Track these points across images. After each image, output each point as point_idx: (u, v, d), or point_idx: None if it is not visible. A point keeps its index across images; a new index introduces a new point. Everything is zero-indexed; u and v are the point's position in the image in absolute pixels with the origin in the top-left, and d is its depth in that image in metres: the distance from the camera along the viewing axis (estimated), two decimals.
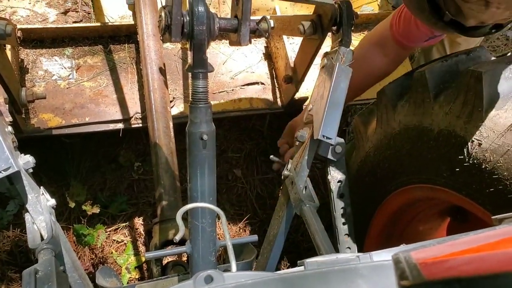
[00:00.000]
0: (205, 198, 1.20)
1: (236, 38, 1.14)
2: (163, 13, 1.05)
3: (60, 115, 2.19)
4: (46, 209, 1.61)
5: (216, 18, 1.11)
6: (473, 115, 1.59)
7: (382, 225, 2.25)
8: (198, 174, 1.18)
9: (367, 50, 2.09)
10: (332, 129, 1.77)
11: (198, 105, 1.17)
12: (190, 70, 1.13)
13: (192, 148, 1.18)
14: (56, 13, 2.36)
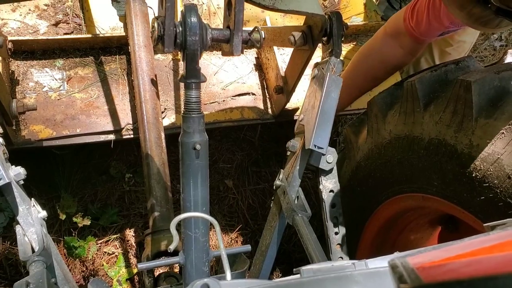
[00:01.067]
0: (198, 208, 1.20)
1: (228, 49, 1.15)
2: (156, 24, 1.06)
3: (51, 127, 2.18)
4: (37, 221, 1.60)
5: (209, 28, 1.11)
6: (463, 124, 1.60)
7: (374, 234, 2.26)
8: (191, 184, 1.18)
9: (382, 41, 2.12)
10: (324, 139, 1.78)
11: (191, 115, 1.17)
12: (183, 80, 1.13)
13: (185, 158, 1.18)
14: (47, 24, 2.36)
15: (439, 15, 1.80)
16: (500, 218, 1.50)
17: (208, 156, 1.22)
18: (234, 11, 1.10)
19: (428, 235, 2.33)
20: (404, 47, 2.04)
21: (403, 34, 2.00)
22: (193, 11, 1.07)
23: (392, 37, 2.06)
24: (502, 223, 0.94)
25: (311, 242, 1.59)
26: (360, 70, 2.19)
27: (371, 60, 2.15)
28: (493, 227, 0.97)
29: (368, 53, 2.19)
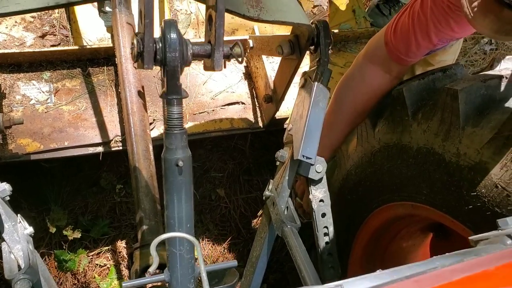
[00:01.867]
0: (183, 225, 1.18)
1: (210, 64, 1.14)
2: (135, 40, 1.05)
3: (39, 140, 2.17)
4: (23, 237, 1.58)
5: (189, 44, 1.10)
6: (450, 132, 1.60)
7: (365, 242, 2.25)
8: (175, 201, 1.17)
9: (365, 70, 1.92)
10: (312, 149, 1.77)
11: (173, 131, 1.16)
12: (164, 97, 1.12)
13: (168, 175, 1.17)
14: (33, 37, 2.34)
15: (427, 32, 1.66)
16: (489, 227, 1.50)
17: (191, 172, 1.21)
18: (215, 26, 1.09)
19: (419, 242, 2.33)
20: (390, 72, 1.87)
21: (387, 59, 1.83)
22: (172, 26, 1.06)
23: (374, 63, 1.88)
24: (485, 237, 0.93)
25: (300, 254, 1.58)
26: (344, 105, 2.00)
27: (354, 93, 1.96)
28: (477, 241, 0.96)
29: (350, 85, 1.99)
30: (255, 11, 1.60)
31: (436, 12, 1.59)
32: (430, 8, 1.61)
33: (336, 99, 2.02)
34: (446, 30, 1.63)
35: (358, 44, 2.86)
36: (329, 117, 2.01)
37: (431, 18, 1.62)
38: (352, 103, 1.96)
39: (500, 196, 1.42)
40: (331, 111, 2.02)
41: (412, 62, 1.88)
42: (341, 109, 2.01)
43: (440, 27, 1.62)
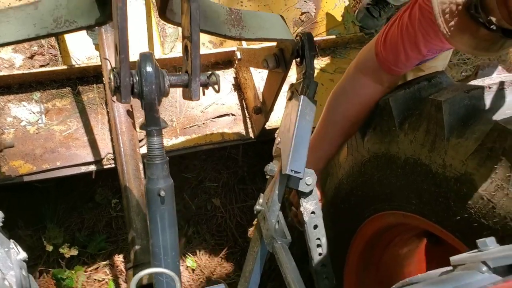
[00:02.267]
0: (168, 253, 1.19)
1: (188, 93, 1.15)
2: (111, 75, 1.06)
3: (31, 161, 2.18)
4: (16, 263, 1.58)
5: (166, 75, 1.11)
6: (436, 143, 1.61)
7: (360, 250, 2.26)
8: (159, 230, 1.18)
9: (356, 81, 1.91)
10: (300, 163, 1.78)
11: (155, 161, 1.17)
12: (144, 128, 1.13)
13: (150, 205, 1.18)
14: (22, 57, 2.35)
15: (416, 44, 1.64)
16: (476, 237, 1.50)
17: (174, 200, 1.22)
18: (191, 56, 1.10)
19: (414, 248, 2.34)
20: (382, 83, 1.85)
21: (378, 70, 1.81)
22: (148, 60, 1.07)
23: (366, 74, 1.86)
24: (462, 262, 0.94)
25: (290, 271, 1.59)
26: (337, 116, 1.97)
27: (347, 104, 1.94)
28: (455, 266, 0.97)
29: (342, 96, 1.97)
30: (237, 31, 1.61)
31: (424, 24, 1.58)
32: (418, 20, 1.59)
33: (328, 111, 2.00)
34: (435, 41, 1.61)
35: (348, 50, 2.86)
36: (321, 129, 2.01)
37: (420, 30, 1.60)
38: (345, 114, 1.94)
39: (486, 207, 1.43)
40: (323, 123, 2.01)
41: (403, 72, 1.86)
42: (334, 121, 1.98)
43: (428, 38, 1.61)
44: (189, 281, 2.80)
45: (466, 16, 1.22)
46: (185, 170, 3.02)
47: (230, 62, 2.62)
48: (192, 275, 2.83)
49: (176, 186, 2.92)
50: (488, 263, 0.87)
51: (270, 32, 1.72)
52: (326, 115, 2.01)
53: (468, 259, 0.95)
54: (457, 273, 0.91)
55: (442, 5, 1.23)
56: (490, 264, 0.87)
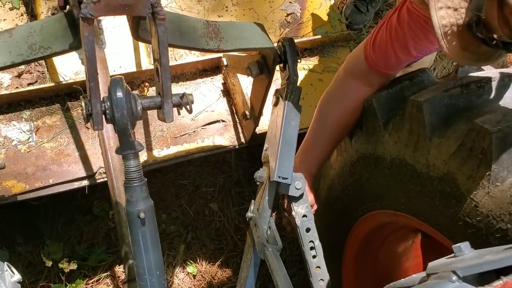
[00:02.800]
0: (153, 273, 1.21)
1: (161, 115, 1.16)
2: (83, 103, 1.07)
3: (23, 180, 2.20)
4: (10, 286, 1.60)
5: (139, 99, 1.12)
6: (419, 143, 1.62)
7: (356, 248, 2.28)
8: (143, 251, 1.19)
9: (346, 84, 1.90)
10: (287, 169, 1.78)
11: (133, 184, 1.18)
12: (120, 153, 1.14)
13: (132, 227, 1.19)
14: (10, 77, 2.37)
15: (406, 46, 1.64)
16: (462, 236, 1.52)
17: (155, 221, 1.23)
18: (161, 79, 1.11)
19: (409, 243, 2.35)
20: (373, 86, 1.85)
21: (369, 73, 1.81)
22: (118, 85, 1.08)
23: (356, 78, 1.86)
24: (436, 270, 0.95)
25: (281, 278, 1.60)
26: (328, 121, 1.97)
27: (338, 108, 1.93)
28: (429, 274, 0.98)
29: (332, 101, 1.96)
30: (215, 43, 1.62)
31: (413, 27, 1.58)
32: (407, 23, 1.59)
33: (319, 116, 2.00)
34: (425, 43, 1.61)
35: (336, 48, 2.86)
36: (313, 135, 2.01)
37: (409, 33, 1.60)
38: (336, 118, 1.94)
39: (469, 206, 1.44)
40: (314, 129, 2.01)
41: (393, 73, 1.87)
42: (325, 126, 1.99)
43: (418, 40, 1.60)
44: (190, 287, 2.82)
45: (468, 35, 1.23)
46: (181, 176, 3.03)
47: (218, 68, 2.63)
48: (193, 281, 2.86)
49: (172, 193, 2.98)
50: (457, 273, 0.88)
51: (249, 42, 1.73)
52: (317, 120, 2.01)
53: (441, 267, 0.96)
54: (429, 283, 0.92)
55: (444, 28, 1.24)
56: (459, 273, 0.87)
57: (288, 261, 2.92)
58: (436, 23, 1.24)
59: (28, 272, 2.67)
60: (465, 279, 0.88)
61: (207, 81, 2.58)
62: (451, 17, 1.23)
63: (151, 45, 1.23)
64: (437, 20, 1.24)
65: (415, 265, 2.38)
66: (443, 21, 1.24)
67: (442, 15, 1.23)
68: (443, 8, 1.23)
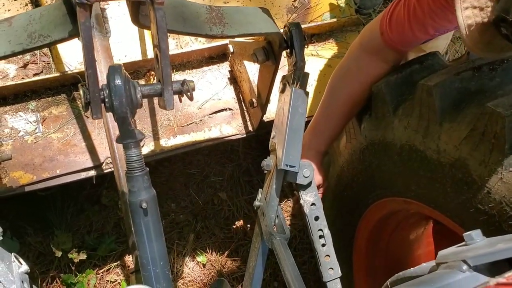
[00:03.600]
0: (156, 263, 1.19)
1: (162, 102, 1.13)
2: (81, 91, 1.04)
3: (31, 171, 2.19)
4: (17, 276, 1.59)
5: (138, 87, 1.10)
6: (429, 128, 1.58)
7: (367, 236, 2.25)
8: (146, 241, 1.17)
9: (361, 60, 1.87)
10: (295, 157, 1.75)
11: (134, 174, 1.15)
12: (120, 142, 1.12)
13: (134, 217, 1.17)
14: (15, 68, 2.35)
15: (424, 25, 1.61)
16: (474, 224, 1.48)
17: (158, 211, 1.21)
18: (161, 66, 1.08)
19: (421, 230, 2.31)
20: (388, 62, 1.82)
21: (384, 48, 1.77)
22: (116, 73, 1.05)
23: (371, 53, 1.82)
24: (445, 260, 0.92)
25: (289, 267, 1.58)
26: (340, 96, 1.94)
27: (352, 83, 1.90)
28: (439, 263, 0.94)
29: (345, 76, 1.93)
30: (218, 29, 1.58)
31: (433, 7, 1.54)
32: (427, 2, 1.56)
33: (331, 91, 1.96)
34: (444, 22, 1.57)
35: (344, 33, 2.81)
36: (324, 111, 1.98)
37: (428, 12, 1.56)
38: (349, 94, 1.91)
39: (481, 193, 1.40)
40: (326, 104, 1.98)
41: (409, 50, 1.86)
42: (338, 101, 1.95)
43: (437, 19, 1.57)
44: (200, 276, 2.81)
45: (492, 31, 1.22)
46: (189, 166, 3.02)
47: (225, 56, 2.59)
48: (203, 270, 2.85)
49: (181, 183, 2.96)
50: (468, 262, 0.85)
51: (254, 27, 1.69)
52: (328, 96, 1.98)
53: (451, 256, 0.93)
54: (439, 273, 0.89)
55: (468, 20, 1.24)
56: (470, 262, 0.84)
57: (298, 249, 2.91)
58: (462, 23, 1.24)
59: (38, 262, 2.68)
60: (476, 269, 0.85)
61: (214, 69, 2.54)
62: (477, 17, 1.23)
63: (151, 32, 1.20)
64: (463, 20, 1.24)
65: (427, 253, 2.35)
66: (468, 21, 1.23)
67: (467, 15, 1.23)
68: (469, 8, 1.23)
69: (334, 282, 1.91)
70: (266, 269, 1.94)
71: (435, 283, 0.84)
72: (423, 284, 0.84)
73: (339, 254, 1.93)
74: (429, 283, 0.84)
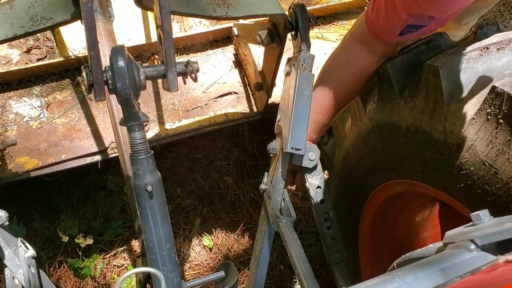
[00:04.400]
0: (162, 246, 1.19)
1: (166, 84, 1.12)
2: (84, 73, 1.03)
3: (36, 156, 2.19)
4: (24, 261, 1.60)
5: (141, 68, 1.08)
6: (435, 110, 1.56)
7: (372, 218, 2.24)
8: (151, 225, 1.17)
9: (350, 50, 1.83)
10: (300, 140, 1.74)
11: (139, 156, 1.15)
12: (124, 124, 1.11)
13: (139, 200, 1.17)
14: (19, 53, 2.35)
15: (395, 6, 1.52)
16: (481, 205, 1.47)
17: (163, 194, 1.20)
18: (164, 46, 1.06)
19: (427, 213, 2.31)
20: (375, 52, 1.75)
21: (371, 39, 1.71)
22: (119, 54, 1.04)
23: (359, 43, 1.77)
24: (453, 240, 0.91)
25: (295, 250, 1.57)
26: (330, 86, 1.88)
27: (340, 74, 1.86)
28: (446, 244, 0.94)
29: (335, 67, 1.88)
30: (222, 10, 1.57)
31: None
32: None
33: (321, 80, 1.91)
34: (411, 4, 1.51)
35: (349, 15, 2.79)
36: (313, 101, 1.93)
37: None
38: (338, 85, 1.87)
39: (488, 173, 1.39)
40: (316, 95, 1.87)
41: (393, 41, 1.75)
42: (327, 91, 1.89)
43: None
44: (207, 260, 2.82)
45: None
46: (195, 151, 3.01)
47: (229, 39, 2.58)
48: (210, 253, 2.85)
49: (187, 167, 2.96)
50: (476, 241, 0.84)
51: (258, 8, 1.67)
52: (317, 85, 1.91)
53: (459, 236, 0.92)
54: (446, 253, 0.88)
55: None
56: (478, 242, 0.83)
57: (304, 232, 2.91)
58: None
59: (45, 248, 2.69)
60: (483, 248, 0.84)
61: (218, 52, 2.53)
62: None
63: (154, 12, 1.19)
64: None
65: (433, 235, 2.35)
66: None
67: None
68: None
69: (340, 265, 1.92)
70: (272, 253, 1.93)
71: (442, 263, 0.83)
72: (430, 264, 0.83)
73: (344, 237, 1.93)
74: (437, 263, 0.83)
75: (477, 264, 0.83)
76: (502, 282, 0.71)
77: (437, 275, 0.82)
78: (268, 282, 2.70)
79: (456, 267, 0.82)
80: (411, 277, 0.81)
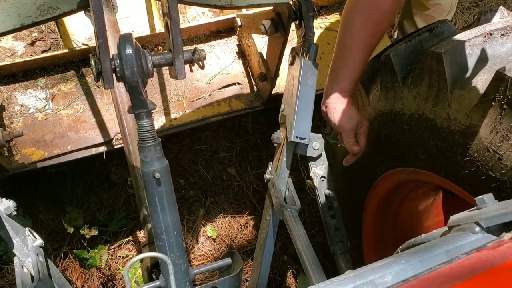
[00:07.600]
0: (170, 233, 1.20)
1: (173, 72, 1.13)
2: (92, 61, 1.04)
3: (42, 148, 2.21)
4: (32, 250, 1.61)
5: (149, 56, 1.09)
6: (439, 97, 1.57)
7: (375, 207, 2.26)
8: (159, 211, 1.18)
9: None
10: (305, 129, 1.75)
11: (147, 144, 1.16)
12: (132, 112, 1.12)
13: (147, 187, 1.18)
14: (23, 45, 2.36)
15: None
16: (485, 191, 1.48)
17: (171, 181, 1.21)
18: (171, 34, 1.07)
19: (430, 201, 2.32)
20: None
21: None
22: (127, 41, 1.05)
23: None
24: (458, 223, 0.92)
25: (300, 238, 1.58)
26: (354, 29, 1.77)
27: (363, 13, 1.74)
28: (451, 227, 0.95)
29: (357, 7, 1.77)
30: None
31: None
32: None
33: (343, 26, 1.80)
34: None
35: None
36: (338, 48, 1.82)
37: None
38: (362, 25, 1.72)
39: (492, 159, 1.40)
40: (340, 40, 1.81)
41: None
42: (352, 35, 1.77)
43: None
44: (211, 250, 2.84)
45: None
46: (198, 142, 3.02)
47: (232, 30, 2.59)
48: (213, 244, 2.87)
49: (190, 159, 2.97)
50: (480, 223, 0.85)
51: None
52: (341, 31, 1.82)
53: (463, 219, 0.93)
54: (451, 235, 0.90)
55: None
56: (482, 224, 0.85)
57: (307, 222, 2.92)
58: None
59: (51, 239, 2.71)
60: (488, 230, 0.86)
61: (221, 43, 2.54)
62: None
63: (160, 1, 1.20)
64: None
65: (436, 223, 2.36)
66: None
67: None
68: None
69: (343, 255, 1.93)
70: (276, 243, 1.95)
71: (447, 245, 0.84)
72: (435, 246, 0.85)
73: (348, 226, 1.94)
74: (441, 245, 0.85)
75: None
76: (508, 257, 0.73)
77: (442, 256, 0.83)
78: (271, 272, 2.71)
79: (462, 248, 0.83)
80: (416, 259, 0.82)
